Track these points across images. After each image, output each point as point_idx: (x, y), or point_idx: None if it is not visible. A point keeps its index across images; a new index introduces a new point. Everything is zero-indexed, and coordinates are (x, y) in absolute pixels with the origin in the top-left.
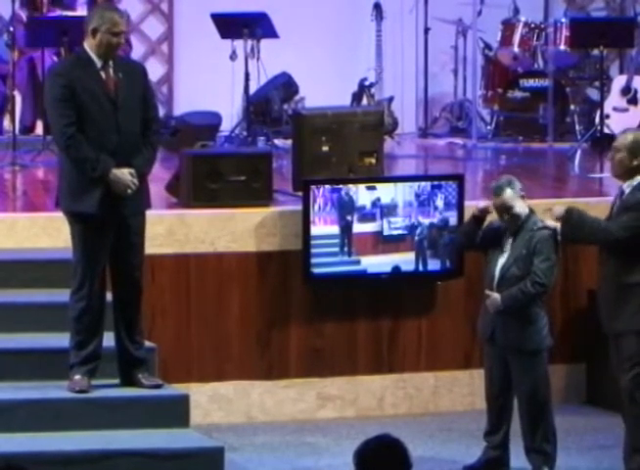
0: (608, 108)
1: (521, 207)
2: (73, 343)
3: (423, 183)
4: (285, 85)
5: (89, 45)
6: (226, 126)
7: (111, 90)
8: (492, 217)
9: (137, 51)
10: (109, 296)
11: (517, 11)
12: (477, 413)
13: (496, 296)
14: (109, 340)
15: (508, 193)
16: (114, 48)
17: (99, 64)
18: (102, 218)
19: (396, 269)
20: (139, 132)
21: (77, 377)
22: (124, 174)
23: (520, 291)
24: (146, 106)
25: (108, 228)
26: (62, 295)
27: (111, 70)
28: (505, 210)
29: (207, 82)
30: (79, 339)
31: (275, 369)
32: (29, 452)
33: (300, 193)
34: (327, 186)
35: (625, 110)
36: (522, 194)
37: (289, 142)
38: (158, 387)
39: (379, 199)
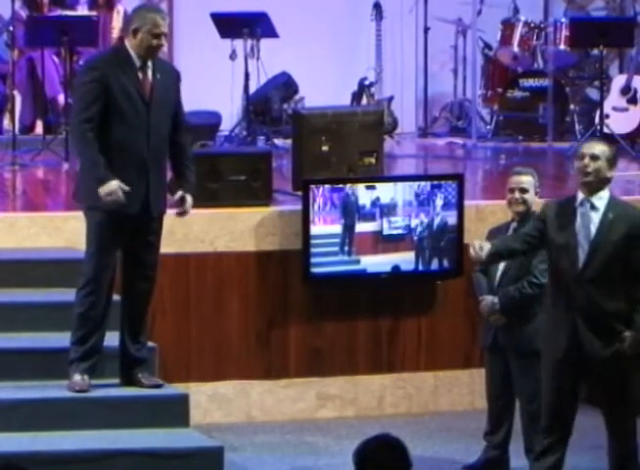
0: (607, 107)
1: (532, 196)
2: (75, 338)
3: (422, 183)
4: (285, 85)
5: (130, 44)
6: (226, 126)
7: (146, 91)
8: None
9: None
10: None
11: (516, 10)
12: (477, 413)
13: (489, 298)
14: (111, 339)
15: (529, 178)
16: (154, 49)
17: (138, 63)
18: (120, 216)
19: (396, 269)
20: (168, 134)
21: (77, 376)
22: (112, 186)
23: (517, 290)
24: (177, 110)
25: (125, 225)
26: (61, 294)
27: (149, 71)
28: (520, 190)
29: (207, 82)
30: (82, 333)
31: (275, 369)
32: (29, 452)
33: (300, 193)
34: (327, 186)
35: (625, 109)
36: (537, 190)
37: (288, 142)
38: (157, 386)
39: (378, 198)
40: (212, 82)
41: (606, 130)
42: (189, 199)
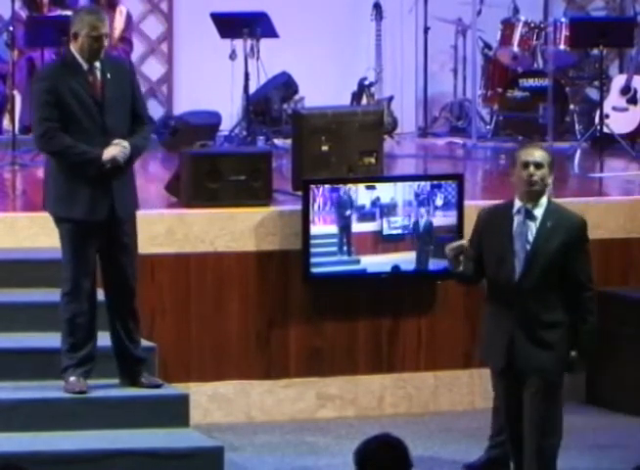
0: (607, 107)
1: None
2: (67, 345)
3: (422, 183)
4: (284, 85)
5: (74, 48)
6: (226, 126)
7: (97, 92)
8: None
9: (137, 51)
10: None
11: (516, 10)
12: (477, 413)
13: None
14: (107, 340)
15: None
16: (95, 52)
17: (85, 66)
18: (90, 223)
19: (396, 269)
20: (127, 132)
21: (73, 379)
22: (112, 147)
23: None
24: (134, 103)
25: (97, 230)
26: None
27: (97, 72)
28: None
29: (207, 82)
30: (73, 341)
31: (275, 369)
32: (29, 452)
33: (300, 193)
34: (326, 186)
35: (625, 109)
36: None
37: (288, 142)
38: (157, 386)
39: (378, 198)
40: (212, 82)
41: (606, 130)
42: (124, 142)
